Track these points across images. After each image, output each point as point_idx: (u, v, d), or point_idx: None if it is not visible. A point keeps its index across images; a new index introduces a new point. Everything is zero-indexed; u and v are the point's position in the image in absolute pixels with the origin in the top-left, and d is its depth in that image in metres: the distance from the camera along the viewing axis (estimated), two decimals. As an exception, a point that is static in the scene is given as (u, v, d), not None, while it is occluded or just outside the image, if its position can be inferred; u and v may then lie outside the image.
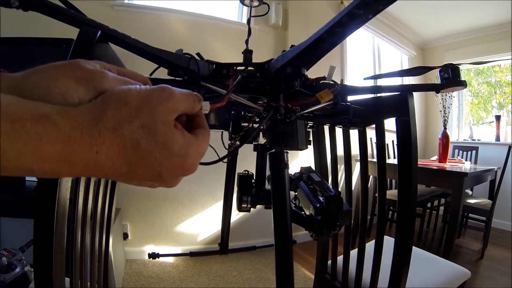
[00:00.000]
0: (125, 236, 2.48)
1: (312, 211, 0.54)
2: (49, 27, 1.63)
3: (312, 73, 0.64)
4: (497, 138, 4.13)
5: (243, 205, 0.70)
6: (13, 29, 1.87)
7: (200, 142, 0.30)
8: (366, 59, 4.15)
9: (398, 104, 0.83)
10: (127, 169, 0.25)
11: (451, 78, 0.81)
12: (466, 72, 4.60)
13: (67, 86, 0.25)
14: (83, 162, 0.23)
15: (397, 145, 0.85)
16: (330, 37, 0.43)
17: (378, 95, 0.89)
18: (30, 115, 0.21)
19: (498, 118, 4.16)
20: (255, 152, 0.73)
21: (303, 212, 0.59)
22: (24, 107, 0.21)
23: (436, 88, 0.83)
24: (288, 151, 0.56)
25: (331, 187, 0.58)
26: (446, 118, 3.20)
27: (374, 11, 0.39)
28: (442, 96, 3.20)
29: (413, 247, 0.98)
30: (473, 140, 4.39)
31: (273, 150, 0.54)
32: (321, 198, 0.55)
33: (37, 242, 0.57)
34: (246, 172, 0.73)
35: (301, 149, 0.56)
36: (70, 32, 0.46)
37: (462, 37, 4.37)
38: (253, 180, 0.73)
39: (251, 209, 0.71)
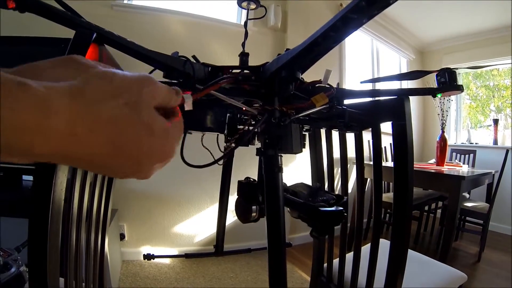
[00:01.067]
0: (122, 236, 2.47)
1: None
2: (49, 27, 1.63)
3: (310, 76, 0.64)
4: (495, 142, 4.15)
5: (253, 214, 0.67)
6: (13, 28, 1.87)
7: (177, 128, 0.32)
8: (365, 62, 4.15)
9: (395, 108, 0.83)
10: (111, 149, 0.25)
11: (448, 82, 0.82)
12: (464, 75, 4.61)
13: (59, 73, 0.26)
14: (59, 133, 0.22)
15: (393, 149, 0.85)
16: (325, 41, 0.43)
17: (375, 99, 0.89)
18: (4, 81, 0.20)
19: (496, 121, 4.17)
20: (251, 155, 0.73)
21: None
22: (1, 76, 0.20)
23: (432, 92, 0.84)
24: (283, 154, 0.56)
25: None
26: (444, 121, 3.21)
27: (369, 16, 0.39)
28: (440, 99, 3.21)
29: (410, 250, 0.98)
30: (471, 143, 4.40)
31: (267, 154, 0.54)
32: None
33: (32, 242, 0.57)
34: (248, 179, 0.71)
35: (295, 153, 0.56)
36: (70, 32, 0.46)
37: (461, 40, 4.38)
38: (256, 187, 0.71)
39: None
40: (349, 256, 1.22)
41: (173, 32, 2.59)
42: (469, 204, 3.06)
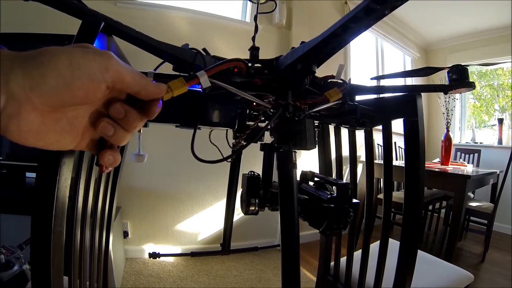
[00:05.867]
0: (125, 234, 2.46)
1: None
2: (51, 23, 1.62)
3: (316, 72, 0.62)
4: (500, 142, 4.11)
5: (250, 208, 0.68)
6: (13, 25, 1.86)
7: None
8: (370, 60, 4.13)
9: (406, 105, 0.81)
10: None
11: (460, 79, 0.80)
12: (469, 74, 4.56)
13: None
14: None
15: (404, 146, 0.83)
16: (344, 33, 0.41)
17: (384, 95, 0.88)
18: None
19: (500, 121, 4.14)
20: (260, 151, 0.71)
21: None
22: None
23: (444, 89, 0.82)
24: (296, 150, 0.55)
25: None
26: (449, 121, 3.18)
27: (391, 6, 0.38)
28: (445, 98, 3.18)
29: (417, 250, 0.96)
30: (475, 143, 4.36)
31: (281, 150, 0.52)
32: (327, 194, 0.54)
33: (34, 240, 0.55)
34: (252, 173, 0.71)
35: (309, 149, 0.54)
36: (74, 28, 0.44)
37: (466, 39, 4.34)
38: (260, 182, 0.71)
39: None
40: (356, 255, 1.20)
41: (177, 29, 2.57)
42: (473, 204, 3.04)
